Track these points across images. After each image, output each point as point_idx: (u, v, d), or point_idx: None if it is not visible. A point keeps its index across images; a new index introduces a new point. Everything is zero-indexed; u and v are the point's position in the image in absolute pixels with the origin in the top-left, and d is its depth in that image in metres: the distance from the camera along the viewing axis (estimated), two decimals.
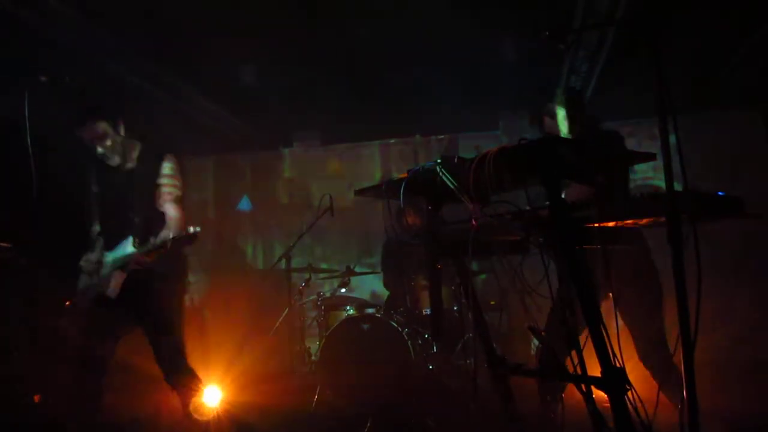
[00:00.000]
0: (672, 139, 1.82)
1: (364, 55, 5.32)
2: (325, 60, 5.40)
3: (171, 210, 3.44)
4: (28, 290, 3.64)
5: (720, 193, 1.90)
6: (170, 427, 3.99)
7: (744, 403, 3.79)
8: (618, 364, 1.93)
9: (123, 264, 3.34)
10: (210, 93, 6.27)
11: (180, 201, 3.50)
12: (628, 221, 2.01)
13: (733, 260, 5.76)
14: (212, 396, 4.79)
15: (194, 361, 3.49)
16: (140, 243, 3.31)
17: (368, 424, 3.98)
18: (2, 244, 3.88)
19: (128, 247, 3.33)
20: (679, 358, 1.81)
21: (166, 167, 3.49)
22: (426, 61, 5.41)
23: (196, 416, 3.37)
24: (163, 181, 3.47)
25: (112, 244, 3.44)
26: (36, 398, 3.70)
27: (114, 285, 3.34)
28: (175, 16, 4.42)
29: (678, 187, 1.82)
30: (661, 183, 6.54)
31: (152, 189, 3.44)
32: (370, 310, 4.87)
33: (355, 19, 4.82)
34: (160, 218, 3.41)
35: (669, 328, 2.77)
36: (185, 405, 3.38)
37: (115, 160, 3.46)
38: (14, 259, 3.85)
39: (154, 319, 3.38)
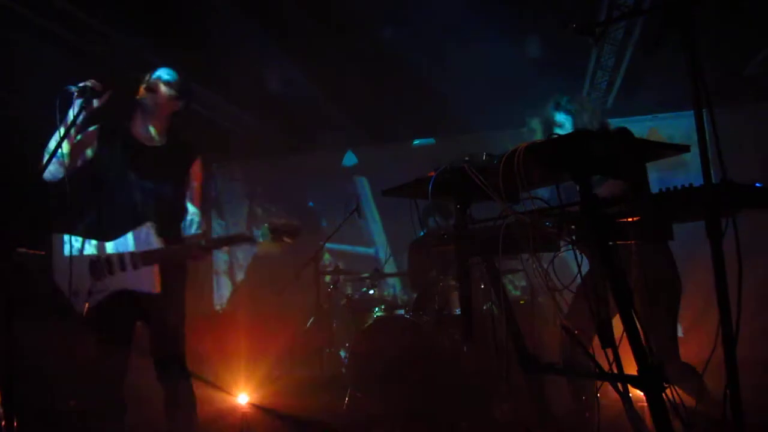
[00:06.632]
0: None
1: (388, 56, 5.32)
2: (350, 62, 5.40)
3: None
4: (48, 293, 3.62)
5: (757, 185, 1.85)
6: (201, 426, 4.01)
7: None
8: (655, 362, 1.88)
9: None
10: (236, 99, 6.33)
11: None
12: None
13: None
14: (242, 397, 4.84)
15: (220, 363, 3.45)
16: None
17: (399, 426, 3.96)
18: (19, 249, 3.84)
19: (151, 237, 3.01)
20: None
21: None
22: (450, 59, 5.38)
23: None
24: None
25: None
26: (71, 403, 3.74)
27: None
28: (202, 24, 4.47)
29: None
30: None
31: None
32: (399, 311, 4.85)
33: (378, 22, 4.82)
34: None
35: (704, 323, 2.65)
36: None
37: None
38: (32, 262, 3.81)
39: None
